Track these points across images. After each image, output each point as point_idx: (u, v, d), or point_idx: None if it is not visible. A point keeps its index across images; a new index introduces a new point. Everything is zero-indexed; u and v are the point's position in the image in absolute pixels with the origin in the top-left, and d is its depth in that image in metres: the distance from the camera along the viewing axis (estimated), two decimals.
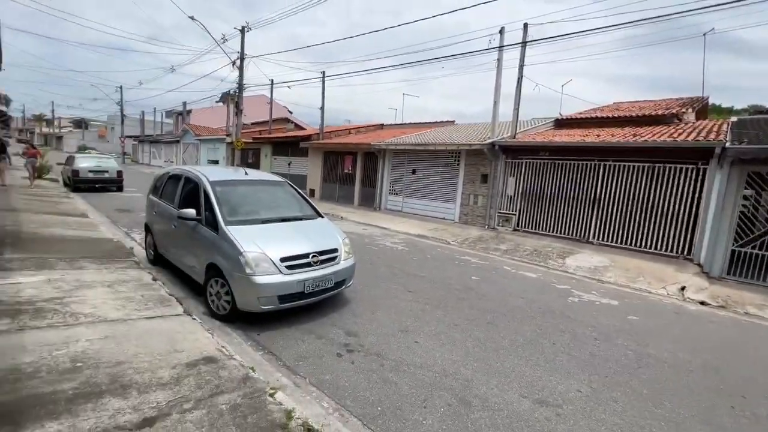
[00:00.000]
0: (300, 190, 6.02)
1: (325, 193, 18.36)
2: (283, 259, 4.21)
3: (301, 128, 30.63)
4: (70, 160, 16.42)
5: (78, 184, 15.13)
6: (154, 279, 5.20)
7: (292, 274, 4.21)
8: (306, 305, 4.54)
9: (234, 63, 18.85)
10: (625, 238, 9.60)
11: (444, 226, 12.13)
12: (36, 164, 15.03)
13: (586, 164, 10.25)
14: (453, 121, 19.57)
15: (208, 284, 4.45)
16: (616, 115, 12.53)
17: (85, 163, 15.78)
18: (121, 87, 41.79)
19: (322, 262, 4.53)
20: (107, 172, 16.00)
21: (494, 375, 3.56)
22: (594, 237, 10.12)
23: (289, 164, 20.81)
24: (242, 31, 18.56)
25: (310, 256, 4.43)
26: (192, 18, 16.57)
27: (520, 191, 11.58)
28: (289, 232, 4.81)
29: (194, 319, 4.09)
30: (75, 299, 4.17)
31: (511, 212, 11.76)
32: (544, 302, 5.77)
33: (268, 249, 4.20)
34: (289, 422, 2.53)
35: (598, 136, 10.52)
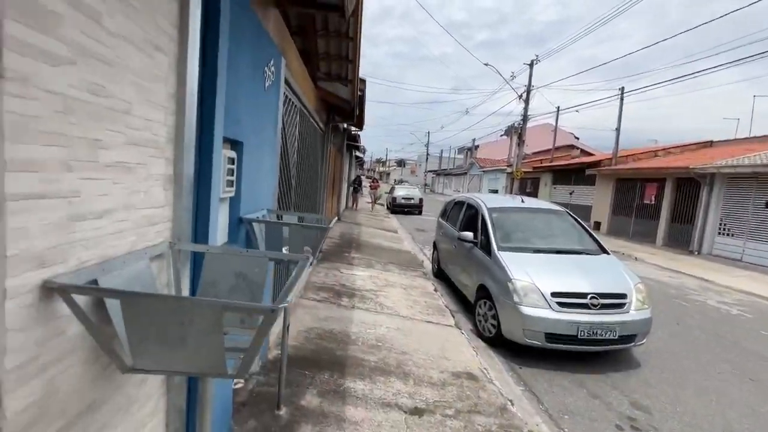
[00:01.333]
0: (582, 222, 5.39)
1: (613, 227, 15.65)
2: (554, 294, 3.87)
3: (589, 154, 27.68)
4: (391, 190, 22.53)
5: (394, 207, 20.23)
6: (435, 290, 6.03)
7: (563, 312, 3.79)
8: (579, 352, 3.94)
9: (520, 96, 19.57)
10: None
11: None
12: (377, 194, 21.76)
13: None
14: None
15: (477, 304, 4.69)
16: None
17: (399, 192, 21.06)
18: (428, 132, 53.23)
19: (604, 306, 3.84)
20: (413, 199, 20.50)
21: None
22: None
23: (570, 193, 19.23)
24: (530, 64, 19.04)
25: (588, 296, 3.85)
26: (486, 64, 18.68)
27: None
28: (565, 265, 4.38)
29: (462, 333, 4.40)
30: (382, 294, 5.45)
31: None
32: None
33: (538, 280, 3.99)
34: None
35: None
